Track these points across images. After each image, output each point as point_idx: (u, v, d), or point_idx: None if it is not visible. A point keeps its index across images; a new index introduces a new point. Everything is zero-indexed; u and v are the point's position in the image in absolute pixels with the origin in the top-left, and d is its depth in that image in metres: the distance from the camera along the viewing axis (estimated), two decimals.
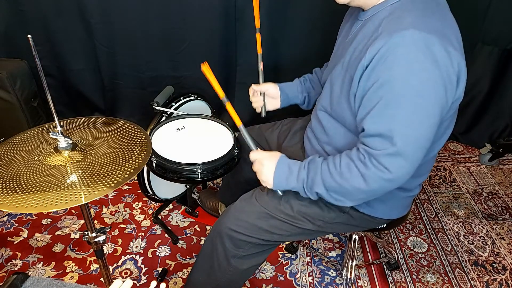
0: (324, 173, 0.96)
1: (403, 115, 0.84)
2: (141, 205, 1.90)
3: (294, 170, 1.02)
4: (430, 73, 0.82)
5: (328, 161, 0.97)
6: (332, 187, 0.95)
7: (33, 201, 0.79)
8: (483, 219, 1.90)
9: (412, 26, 0.82)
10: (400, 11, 0.88)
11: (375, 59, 0.85)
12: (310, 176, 0.99)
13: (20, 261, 1.60)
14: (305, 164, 1.01)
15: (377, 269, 1.64)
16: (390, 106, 0.85)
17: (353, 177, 0.91)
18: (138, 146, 0.98)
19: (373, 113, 0.87)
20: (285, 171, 1.03)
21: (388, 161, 0.87)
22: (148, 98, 1.57)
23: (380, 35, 0.86)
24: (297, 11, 2.04)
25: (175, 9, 2.00)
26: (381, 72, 0.84)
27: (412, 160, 0.88)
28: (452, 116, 0.97)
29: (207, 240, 1.21)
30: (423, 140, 0.87)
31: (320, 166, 0.97)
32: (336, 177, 0.94)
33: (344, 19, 1.16)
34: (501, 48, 2.15)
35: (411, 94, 0.83)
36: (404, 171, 0.88)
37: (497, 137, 2.37)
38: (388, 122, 0.85)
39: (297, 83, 1.39)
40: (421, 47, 0.81)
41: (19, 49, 2.10)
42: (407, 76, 0.82)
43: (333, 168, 0.95)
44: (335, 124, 1.05)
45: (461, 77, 0.87)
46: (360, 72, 0.88)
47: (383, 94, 0.85)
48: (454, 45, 0.85)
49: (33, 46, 0.84)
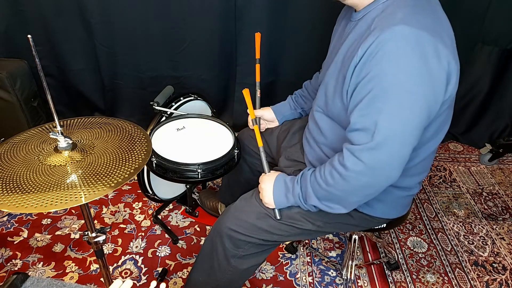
0: (313, 184, 0.99)
1: (389, 109, 0.84)
2: (141, 205, 1.90)
3: (290, 186, 1.06)
4: (418, 70, 0.82)
5: (315, 173, 1.00)
6: (323, 195, 0.98)
7: (33, 201, 0.79)
8: (483, 219, 1.90)
9: (402, 22, 0.83)
10: (391, 8, 0.89)
11: (366, 54, 0.85)
12: (303, 190, 1.02)
13: (20, 261, 1.60)
14: (297, 179, 1.04)
15: (377, 269, 1.64)
16: (377, 99, 0.85)
17: (336, 181, 0.93)
18: (138, 146, 0.98)
19: (360, 106, 0.87)
20: (282, 189, 1.07)
21: (366, 155, 0.87)
22: (148, 98, 1.57)
23: (372, 32, 0.86)
24: (296, 12, 2.04)
25: (175, 9, 2.00)
26: (371, 66, 0.84)
27: (395, 156, 0.87)
28: (447, 111, 0.96)
29: (207, 240, 1.21)
30: (407, 135, 0.86)
31: (309, 178, 1.01)
32: (323, 185, 0.96)
33: (337, 22, 1.17)
34: (501, 48, 2.15)
35: (398, 89, 0.83)
36: (383, 165, 0.88)
37: (497, 137, 2.37)
38: (374, 115, 0.85)
39: (289, 101, 1.45)
40: (411, 43, 0.81)
41: (19, 49, 2.11)
42: (396, 71, 0.82)
43: (319, 177, 0.97)
44: (332, 124, 1.05)
45: (451, 75, 0.87)
46: (352, 68, 0.89)
47: (371, 88, 0.85)
48: (445, 42, 0.85)
49: (33, 46, 0.84)
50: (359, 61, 0.87)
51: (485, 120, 2.38)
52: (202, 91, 1.77)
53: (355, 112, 0.89)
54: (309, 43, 2.12)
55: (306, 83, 1.43)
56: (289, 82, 2.24)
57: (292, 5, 2.02)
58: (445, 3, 0.97)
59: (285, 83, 2.28)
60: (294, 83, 1.86)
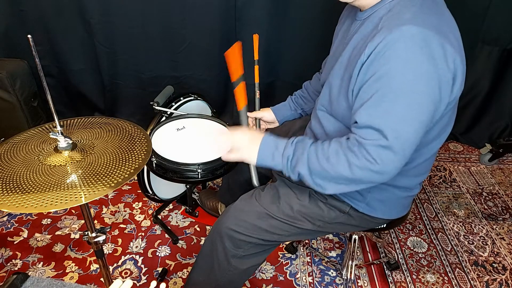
0: (311, 154, 0.95)
1: (397, 109, 0.84)
2: (141, 205, 1.90)
3: (280, 146, 1.00)
4: (425, 69, 0.82)
5: (317, 144, 0.96)
6: (316, 169, 0.94)
7: (33, 201, 0.79)
8: (483, 219, 1.90)
9: (410, 22, 0.83)
10: (398, 7, 0.89)
11: (374, 54, 0.85)
12: (296, 155, 0.97)
13: (20, 261, 1.60)
14: (292, 142, 0.99)
15: (377, 269, 1.64)
16: (385, 99, 0.85)
17: (339, 163, 0.90)
18: (138, 146, 0.98)
19: (367, 105, 0.87)
20: (271, 147, 1.01)
21: (377, 152, 0.86)
22: (148, 98, 1.57)
23: (379, 31, 0.86)
24: (297, 12, 2.04)
25: (175, 9, 2.00)
26: (379, 66, 0.84)
27: (402, 156, 0.87)
28: (451, 112, 0.97)
29: (207, 240, 1.21)
30: (413, 136, 0.87)
31: (309, 147, 0.96)
32: (322, 160, 0.93)
33: (339, 21, 1.17)
34: (501, 48, 2.15)
35: (406, 89, 0.83)
36: (393, 166, 0.88)
37: (497, 137, 2.36)
38: (382, 115, 0.85)
39: (289, 101, 1.44)
40: (419, 43, 0.82)
41: (19, 49, 2.11)
42: (404, 70, 0.82)
43: (321, 151, 0.94)
44: (336, 123, 1.05)
45: (457, 76, 0.87)
46: (358, 67, 0.89)
47: (379, 87, 0.85)
48: (451, 42, 0.85)
49: (33, 46, 0.85)
50: (366, 60, 0.87)
51: (485, 120, 2.37)
52: (202, 91, 1.77)
53: (361, 111, 0.88)
54: (309, 43, 2.12)
55: (306, 83, 1.43)
56: (289, 83, 2.24)
57: (292, 5, 2.02)
58: (446, 2, 0.96)
59: (285, 83, 2.28)
60: (294, 83, 1.86)
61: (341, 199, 1.10)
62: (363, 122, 0.88)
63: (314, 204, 1.11)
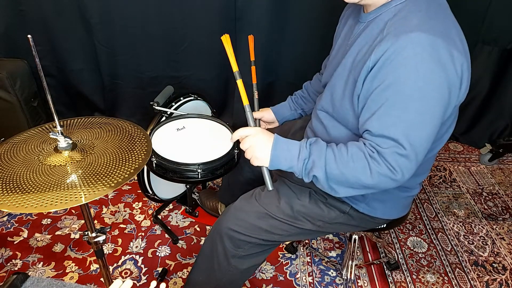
0: (329, 158, 0.92)
1: (409, 117, 0.84)
2: (141, 205, 1.90)
3: (294, 149, 0.96)
4: (436, 75, 0.82)
5: (333, 147, 0.94)
6: (333, 174, 0.92)
7: (33, 201, 0.79)
8: (483, 219, 1.90)
9: (418, 28, 0.83)
10: (404, 12, 0.88)
11: (381, 61, 0.85)
12: (311, 158, 0.94)
13: (20, 261, 1.60)
14: (306, 145, 0.96)
15: (377, 269, 1.64)
16: (395, 107, 0.85)
17: (359, 169, 0.89)
18: (138, 146, 0.98)
19: (378, 114, 0.86)
20: (283, 150, 0.97)
21: (396, 160, 0.86)
22: (148, 98, 1.57)
23: (385, 37, 0.86)
24: (297, 12, 2.04)
25: (175, 9, 2.00)
26: (387, 74, 0.84)
27: (416, 161, 0.88)
28: (454, 115, 0.97)
29: (207, 240, 1.21)
30: (426, 141, 0.87)
31: (325, 150, 0.93)
32: (341, 165, 0.90)
33: (340, 22, 1.16)
34: (501, 48, 2.15)
35: (417, 96, 0.83)
36: (409, 173, 0.88)
37: (497, 137, 2.37)
38: (394, 124, 0.85)
39: (289, 102, 1.44)
40: (428, 50, 0.82)
41: (19, 49, 2.10)
42: (414, 78, 0.82)
43: (339, 156, 0.91)
44: (338, 125, 1.04)
45: (463, 79, 0.87)
46: (364, 73, 0.88)
47: (389, 96, 0.85)
48: (457, 47, 0.86)
49: (33, 46, 0.85)
50: (373, 67, 0.86)
51: (485, 120, 2.37)
52: (202, 91, 1.77)
53: (373, 121, 0.87)
54: (309, 43, 2.12)
55: (306, 84, 1.43)
56: (289, 83, 2.24)
57: (292, 5, 2.02)
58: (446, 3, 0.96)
59: (284, 83, 2.28)
60: (294, 83, 1.86)
61: (341, 199, 1.10)
62: (376, 131, 0.87)
63: (314, 204, 1.11)
